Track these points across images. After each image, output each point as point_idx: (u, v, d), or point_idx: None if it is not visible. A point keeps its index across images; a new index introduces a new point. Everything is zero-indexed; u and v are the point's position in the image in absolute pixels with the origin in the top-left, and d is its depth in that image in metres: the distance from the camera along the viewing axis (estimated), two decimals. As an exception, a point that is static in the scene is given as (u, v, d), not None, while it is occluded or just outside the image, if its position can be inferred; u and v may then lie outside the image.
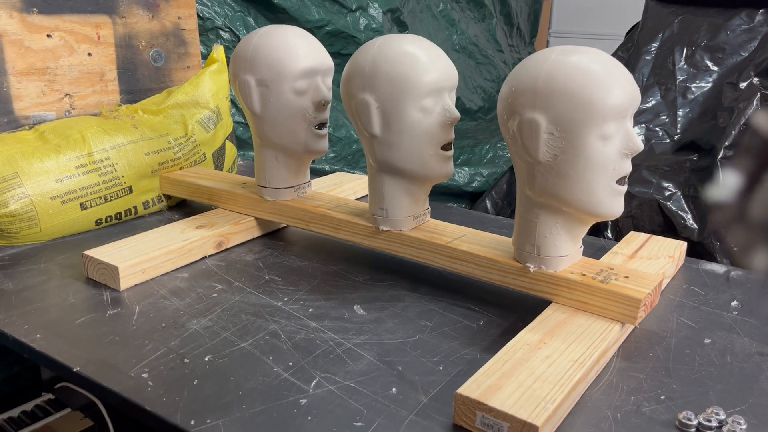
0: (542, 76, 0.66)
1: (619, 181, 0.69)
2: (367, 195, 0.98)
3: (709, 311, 0.80)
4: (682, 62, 1.68)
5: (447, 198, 2.00)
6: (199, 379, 0.65)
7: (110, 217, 1.06)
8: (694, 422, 0.57)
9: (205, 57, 1.54)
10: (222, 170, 1.28)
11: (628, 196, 1.43)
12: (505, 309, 0.80)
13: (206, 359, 0.68)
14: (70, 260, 0.94)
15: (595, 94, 0.64)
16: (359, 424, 0.58)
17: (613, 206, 0.70)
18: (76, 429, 1.06)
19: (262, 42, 0.92)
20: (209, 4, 1.67)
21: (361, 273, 0.90)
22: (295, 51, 0.91)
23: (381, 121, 0.80)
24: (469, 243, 0.82)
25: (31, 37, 1.11)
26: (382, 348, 0.71)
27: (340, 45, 1.95)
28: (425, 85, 0.77)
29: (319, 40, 0.97)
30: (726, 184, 0.22)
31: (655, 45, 1.74)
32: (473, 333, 0.74)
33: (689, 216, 1.40)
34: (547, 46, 3.16)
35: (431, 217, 0.90)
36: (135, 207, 1.10)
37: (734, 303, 0.82)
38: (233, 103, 1.66)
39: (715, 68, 1.65)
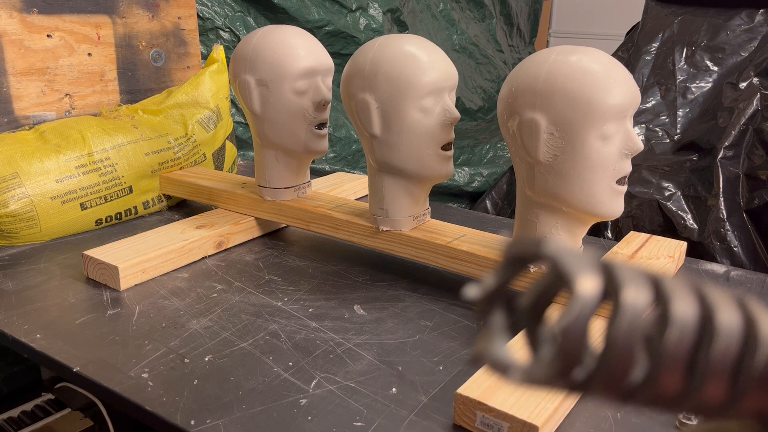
0: (542, 76, 0.66)
1: (619, 181, 0.69)
2: (367, 195, 0.98)
3: (709, 311, 0.80)
4: (682, 62, 1.68)
5: (447, 198, 2.00)
6: (199, 379, 0.65)
7: (110, 217, 1.06)
8: (694, 422, 0.57)
9: (205, 57, 1.54)
10: (222, 170, 1.28)
11: (628, 196, 1.43)
12: (505, 309, 0.80)
13: (206, 359, 0.68)
14: (70, 260, 0.94)
15: (595, 94, 0.64)
16: (359, 424, 0.58)
17: (613, 206, 0.70)
18: (76, 429, 1.06)
19: (262, 42, 0.92)
20: (209, 4, 1.67)
21: (361, 273, 0.90)
22: (295, 51, 0.91)
23: (381, 121, 0.80)
24: (469, 243, 0.82)
25: (31, 37, 1.11)
26: (382, 348, 0.71)
27: (340, 45, 1.94)
28: (425, 85, 0.77)
29: (319, 40, 0.97)
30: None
31: (655, 45, 1.74)
32: (473, 333, 0.74)
33: (689, 216, 1.40)
34: (547, 46, 3.16)
35: (431, 217, 0.90)
36: (135, 207, 1.10)
37: (734, 303, 0.82)
38: (233, 103, 1.65)
39: (715, 68, 1.65)
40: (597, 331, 0.23)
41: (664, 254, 0.88)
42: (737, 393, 0.23)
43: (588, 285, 0.22)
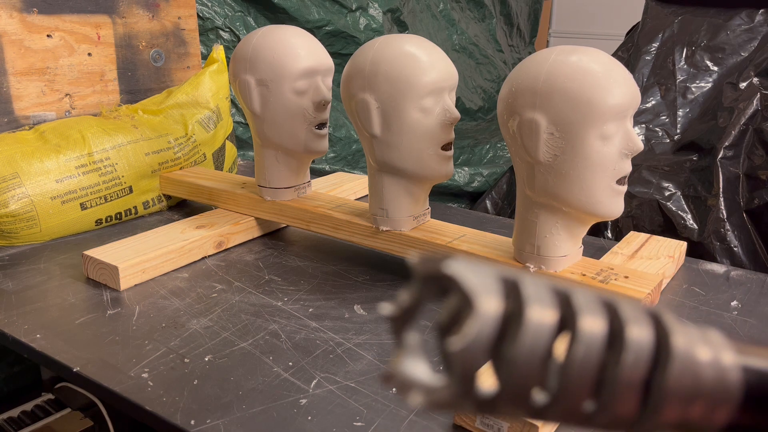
0: (542, 76, 0.66)
1: (619, 181, 0.69)
2: (367, 195, 0.98)
3: (709, 311, 0.80)
4: (682, 62, 1.68)
5: (447, 198, 2.00)
6: (199, 379, 0.65)
7: (110, 217, 1.06)
8: None
9: (205, 57, 1.54)
10: (222, 170, 1.27)
11: (628, 196, 1.43)
12: (505, 309, 0.80)
13: (206, 359, 0.68)
14: (70, 260, 0.94)
15: (595, 94, 0.64)
16: (359, 424, 0.58)
17: (613, 206, 0.70)
18: (76, 429, 1.06)
19: (262, 42, 0.92)
20: (209, 4, 1.67)
21: (361, 273, 0.90)
22: (295, 51, 0.91)
23: (381, 121, 0.80)
24: (469, 243, 0.82)
25: (31, 37, 1.11)
26: (382, 348, 0.71)
27: (340, 45, 1.94)
28: (425, 85, 0.77)
29: (319, 40, 0.97)
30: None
31: (655, 45, 1.74)
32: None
33: (689, 216, 1.40)
34: (547, 46, 3.16)
35: (431, 217, 0.90)
36: (135, 207, 1.10)
37: (734, 303, 0.82)
38: (233, 103, 1.65)
39: (715, 68, 1.65)
40: (499, 349, 0.23)
41: (664, 254, 0.88)
42: (650, 408, 0.23)
43: (489, 304, 0.22)
